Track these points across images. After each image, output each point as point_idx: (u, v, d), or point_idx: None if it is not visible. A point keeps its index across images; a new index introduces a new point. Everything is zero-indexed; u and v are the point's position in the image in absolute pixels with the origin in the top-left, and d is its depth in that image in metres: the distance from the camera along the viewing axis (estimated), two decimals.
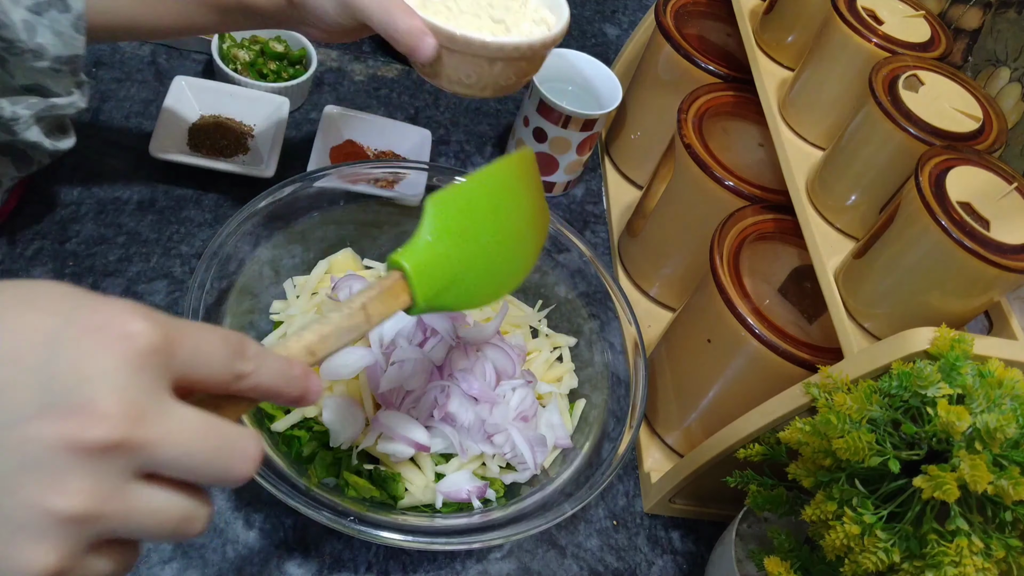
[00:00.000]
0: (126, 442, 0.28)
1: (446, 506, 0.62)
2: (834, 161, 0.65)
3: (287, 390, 0.35)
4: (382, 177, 0.75)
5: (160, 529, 0.31)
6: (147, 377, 0.29)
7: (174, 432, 0.30)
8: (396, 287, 0.45)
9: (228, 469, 0.31)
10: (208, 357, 0.32)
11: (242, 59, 0.89)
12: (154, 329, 0.30)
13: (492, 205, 0.51)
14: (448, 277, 0.47)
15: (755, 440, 0.59)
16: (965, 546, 0.44)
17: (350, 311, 0.41)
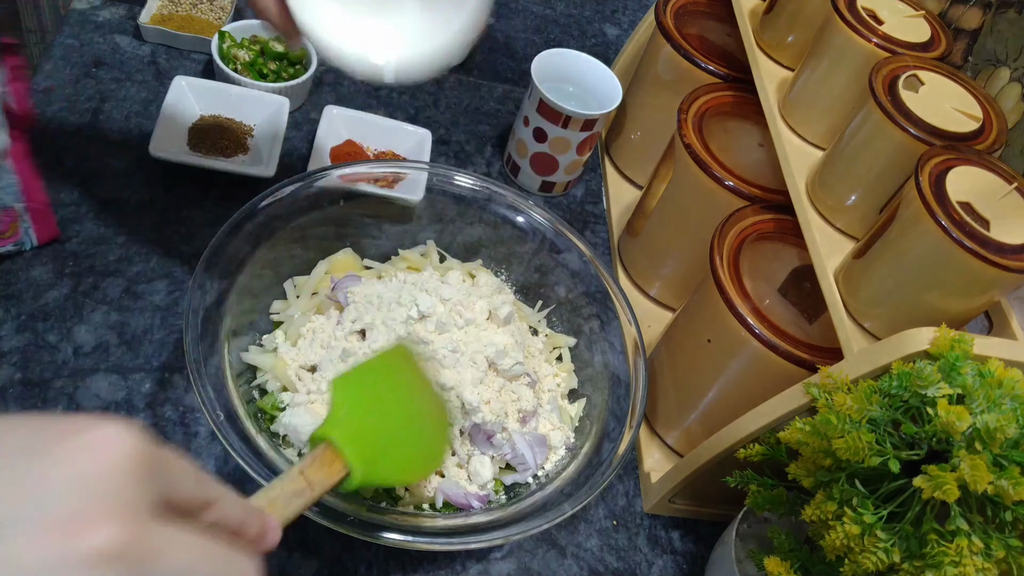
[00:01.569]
0: (126, 552, 0.26)
1: (446, 506, 0.62)
2: (834, 161, 0.65)
3: (249, 527, 0.35)
4: (382, 177, 0.75)
5: None
6: (137, 487, 0.27)
7: (175, 546, 0.28)
8: (327, 455, 0.46)
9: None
10: (183, 476, 0.31)
11: (242, 59, 0.89)
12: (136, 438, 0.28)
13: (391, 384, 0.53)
14: (375, 445, 0.49)
15: (755, 440, 0.59)
16: (965, 546, 0.44)
17: (292, 476, 0.43)
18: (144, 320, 0.71)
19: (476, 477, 0.63)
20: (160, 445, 0.29)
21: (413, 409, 0.54)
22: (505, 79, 1.07)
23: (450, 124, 0.98)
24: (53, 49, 0.89)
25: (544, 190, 0.94)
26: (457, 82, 1.04)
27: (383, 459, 0.50)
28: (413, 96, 1.00)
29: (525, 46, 1.13)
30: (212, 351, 0.61)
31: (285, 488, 0.42)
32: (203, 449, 0.65)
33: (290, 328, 0.68)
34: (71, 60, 0.88)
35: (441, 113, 0.99)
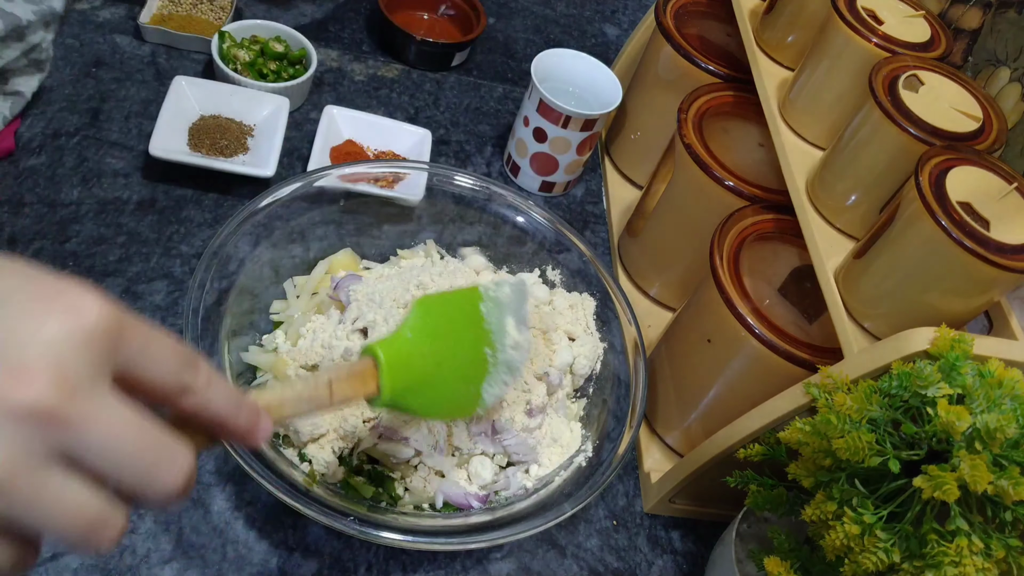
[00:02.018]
0: (51, 414, 0.27)
1: (446, 506, 0.63)
2: (834, 161, 0.65)
3: (235, 420, 0.34)
4: (382, 177, 0.75)
5: (67, 526, 0.28)
6: (89, 356, 0.28)
7: (104, 420, 0.28)
8: (365, 373, 0.45)
9: (154, 476, 0.30)
10: (158, 358, 0.31)
11: (242, 59, 0.89)
12: (107, 310, 0.29)
13: (455, 322, 0.53)
14: (417, 378, 0.49)
15: (755, 440, 0.59)
16: (965, 546, 0.44)
17: (315, 384, 0.42)
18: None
19: (476, 477, 0.63)
20: (141, 322, 0.30)
21: (462, 353, 0.53)
22: (505, 79, 1.07)
23: (450, 124, 0.98)
24: (53, 49, 0.89)
25: (544, 190, 0.94)
26: (457, 82, 1.04)
27: (418, 390, 0.49)
28: (413, 96, 1.00)
29: (525, 46, 1.13)
30: (212, 351, 0.61)
31: (303, 394, 0.41)
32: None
33: (290, 328, 0.68)
34: (71, 60, 0.88)
35: (441, 113, 0.99)
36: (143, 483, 0.30)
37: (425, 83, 1.02)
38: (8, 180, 0.76)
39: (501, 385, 0.55)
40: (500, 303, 0.55)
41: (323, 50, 1.00)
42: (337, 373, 0.44)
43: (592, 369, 0.71)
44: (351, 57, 1.01)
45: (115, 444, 0.28)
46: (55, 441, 0.27)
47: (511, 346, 0.55)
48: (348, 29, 1.04)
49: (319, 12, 1.05)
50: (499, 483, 0.64)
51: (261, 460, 0.57)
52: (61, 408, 0.27)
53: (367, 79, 0.99)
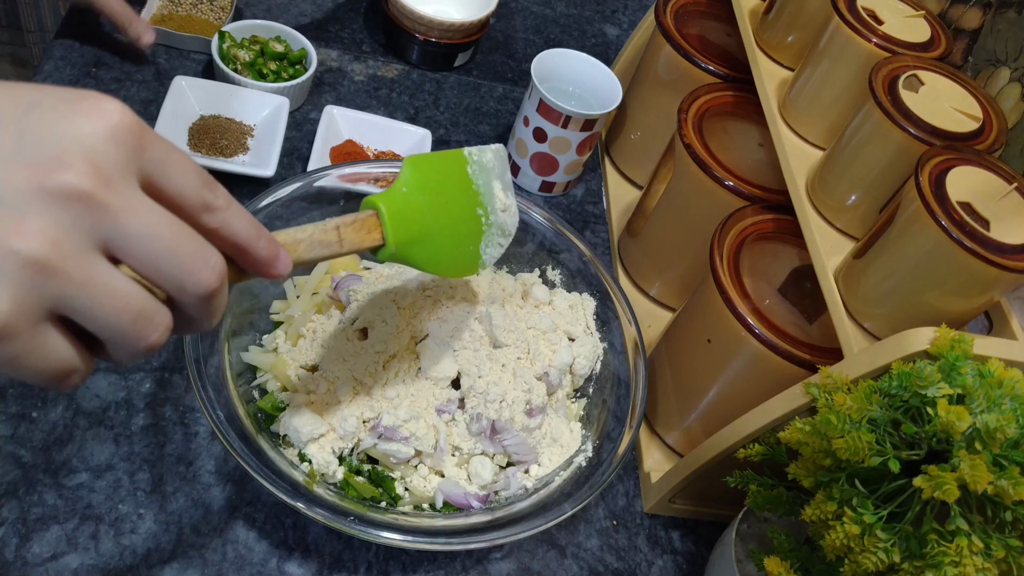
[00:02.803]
0: (92, 197, 0.28)
1: (446, 506, 0.63)
2: (834, 161, 0.65)
3: (256, 246, 0.35)
4: (382, 177, 0.75)
5: (116, 316, 0.29)
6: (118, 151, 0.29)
7: (140, 211, 0.29)
8: (370, 222, 0.47)
9: (192, 270, 0.30)
10: (180, 170, 0.32)
11: (242, 59, 0.89)
12: (129, 114, 0.30)
13: (449, 180, 0.54)
14: (418, 230, 0.50)
15: (755, 440, 0.59)
16: (965, 546, 0.44)
17: (325, 228, 0.43)
18: None
19: (476, 477, 0.63)
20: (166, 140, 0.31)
21: (456, 211, 0.54)
22: (505, 79, 1.07)
23: (450, 124, 0.98)
24: (53, 49, 0.89)
25: (544, 190, 0.94)
26: (457, 82, 1.04)
27: (419, 243, 0.50)
28: (413, 96, 1.00)
29: (525, 46, 1.13)
30: (212, 351, 0.61)
31: (315, 235, 0.42)
32: (203, 449, 0.65)
33: (290, 328, 0.68)
34: (71, 60, 0.88)
35: (441, 113, 0.99)
36: (182, 277, 0.30)
37: (425, 83, 1.02)
38: None
39: (497, 246, 0.57)
40: (485, 167, 0.56)
41: (323, 50, 1.00)
42: (343, 220, 0.44)
43: (592, 369, 0.71)
44: (351, 57, 1.01)
45: (154, 234, 0.30)
46: (97, 226, 0.28)
47: (501, 208, 0.56)
48: (348, 29, 1.04)
49: (319, 12, 1.05)
50: (499, 483, 0.64)
51: (261, 460, 0.57)
52: (100, 194, 0.28)
53: (367, 79, 0.99)
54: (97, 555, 0.59)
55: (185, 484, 0.63)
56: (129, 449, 0.64)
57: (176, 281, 0.31)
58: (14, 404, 0.64)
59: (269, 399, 0.64)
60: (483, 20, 1.00)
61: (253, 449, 0.57)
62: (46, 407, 0.64)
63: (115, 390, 0.67)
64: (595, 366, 0.72)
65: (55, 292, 0.28)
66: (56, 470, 0.62)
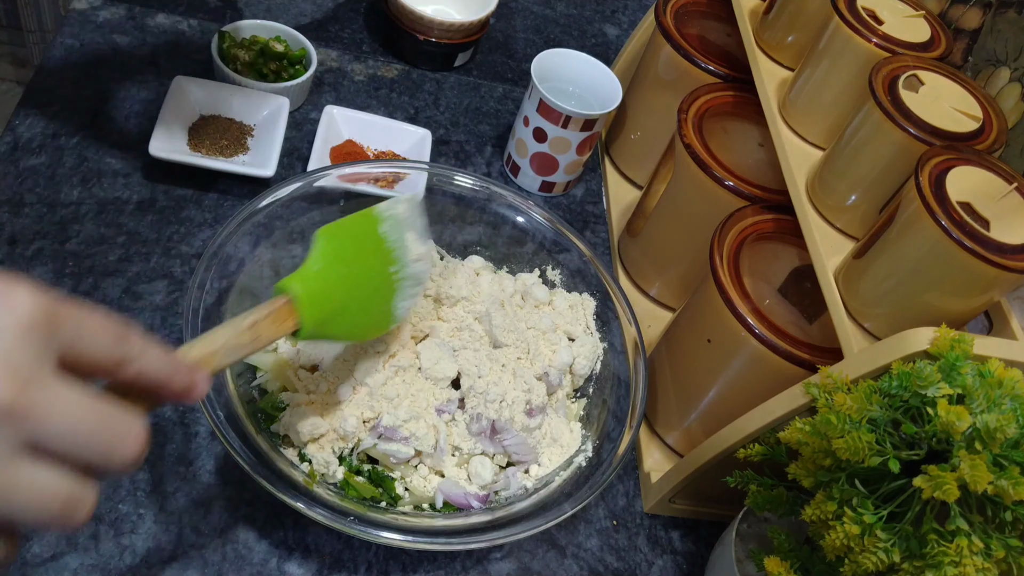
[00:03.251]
0: (11, 408, 0.28)
1: (446, 506, 0.63)
2: (834, 161, 0.65)
3: (173, 381, 0.36)
4: (382, 177, 0.75)
5: (43, 510, 0.30)
6: (32, 346, 0.29)
7: (59, 404, 0.29)
8: (283, 311, 0.47)
9: (113, 449, 0.31)
10: (94, 335, 0.32)
11: (242, 59, 0.89)
12: (40, 299, 0.30)
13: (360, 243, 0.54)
14: (333, 306, 0.50)
15: (755, 440, 0.59)
16: (965, 546, 0.44)
17: (239, 329, 0.43)
18: (144, 320, 0.71)
19: (476, 477, 0.63)
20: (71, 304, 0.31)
21: (370, 275, 0.55)
22: (505, 79, 1.07)
23: (450, 124, 0.98)
24: (53, 49, 0.89)
25: (544, 190, 0.94)
26: (457, 82, 1.04)
27: (336, 318, 0.51)
28: (413, 96, 1.00)
29: (525, 46, 1.13)
30: None
31: (229, 341, 0.42)
32: (203, 449, 0.65)
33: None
34: (71, 60, 0.88)
35: (441, 113, 0.99)
36: (104, 458, 0.31)
37: (425, 83, 1.02)
38: (8, 180, 0.76)
39: (410, 298, 0.57)
40: (398, 221, 0.56)
41: (323, 50, 1.00)
42: (257, 315, 0.45)
43: (592, 369, 0.71)
44: (351, 57, 1.01)
45: (73, 426, 0.30)
46: (18, 433, 0.28)
47: (414, 259, 0.57)
48: (348, 29, 1.04)
49: (319, 12, 1.05)
50: (499, 483, 0.64)
51: (261, 460, 0.57)
52: (18, 401, 0.28)
53: (367, 79, 0.99)
54: (97, 555, 0.59)
55: (185, 484, 0.63)
56: None
57: (101, 460, 0.31)
58: None
59: (269, 399, 0.64)
60: (483, 20, 1.00)
61: (253, 449, 0.57)
62: None
63: None
64: (595, 366, 0.72)
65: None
66: None
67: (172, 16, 0.97)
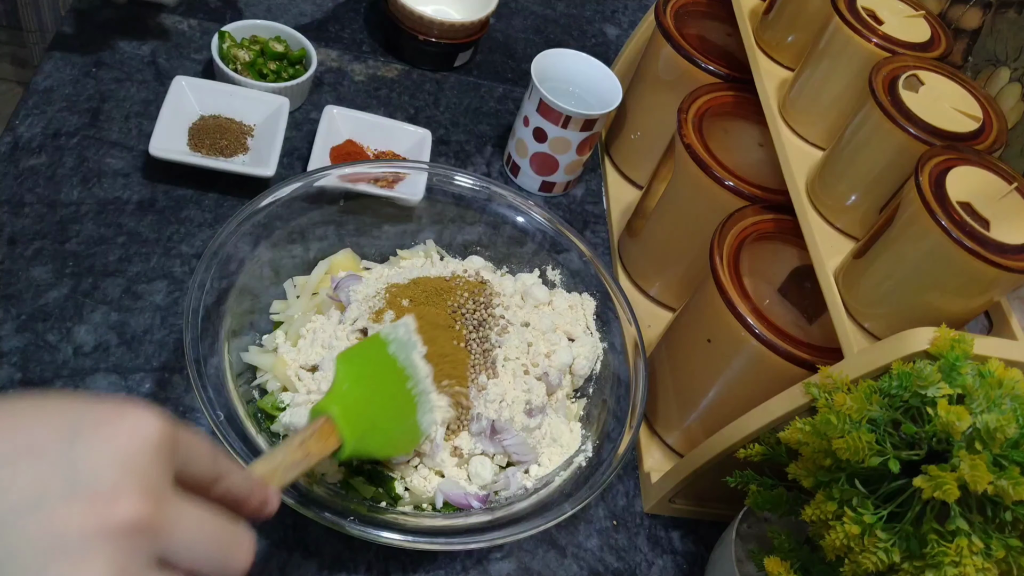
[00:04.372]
0: (149, 524, 0.30)
1: (446, 506, 0.62)
2: (834, 161, 0.65)
3: (252, 497, 0.38)
4: (382, 177, 0.75)
5: None
6: (160, 466, 0.31)
7: (185, 519, 0.32)
8: (326, 429, 0.50)
9: (230, 559, 0.33)
10: (201, 456, 0.34)
11: (242, 59, 0.89)
12: (164, 423, 0.32)
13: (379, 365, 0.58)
14: (366, 422, 0.53)
15: (755, 440, 0.59)
16: (965, 546, 0.44)
17: (291, 448, 0.47)
18: (144, 320, 0.71)
19: (476, 477, 0.63)
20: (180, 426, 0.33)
21: (390, 392, 0.58)
22: (505, 79, 1.07)
23: (450, 124, 0.98)
24: (53, 49, 0.89)
25: (544, 190, 0.94)
26: (457, 82, 1.04)
27: (371, 434, 0.54)
28: (413, 96, 1.00)
29: (525, 46, 1.13)
30: (212, 351, 0.61)
31: (286, 459, 0.46)
32: None
33: (290, 328, 0.68)
34: (71, 60, 0.88)
35: (441, 113, 0.99)
36: (225, 565, 0.33)
37: (425, 83, 1.02)
38: (8, 180, 0.76)
39: (431, 412, 0.60)
40: (402, 342, 0.60)
41: (323, 50, 1.00)
42: (303, 435, 0.48)
43: (592, 369, 0.71)
44: (351, 57, 1.01)
45: (199, 539, 0.32)
46: (155, 548, 0.30)
47: (424, 376, 0.60)
48: (348, 29, 1.04)
49: (319, 12, 1.05)
50: (499, 483, 0.64)
51: None
52: (155, 517, 0.30)
53: (367, 79, 0.99)
54: None
55: None
56: None
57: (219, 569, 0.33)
58: None
59: (269, 399, 0.64)
60: (483, 20, 1.00)
61: (253, 449, 0.57)
62: None
63: (115, 390, 0.67)
64: (595, 366, 0.72)
65: None
66: None
67: (172, 16, 0.97)
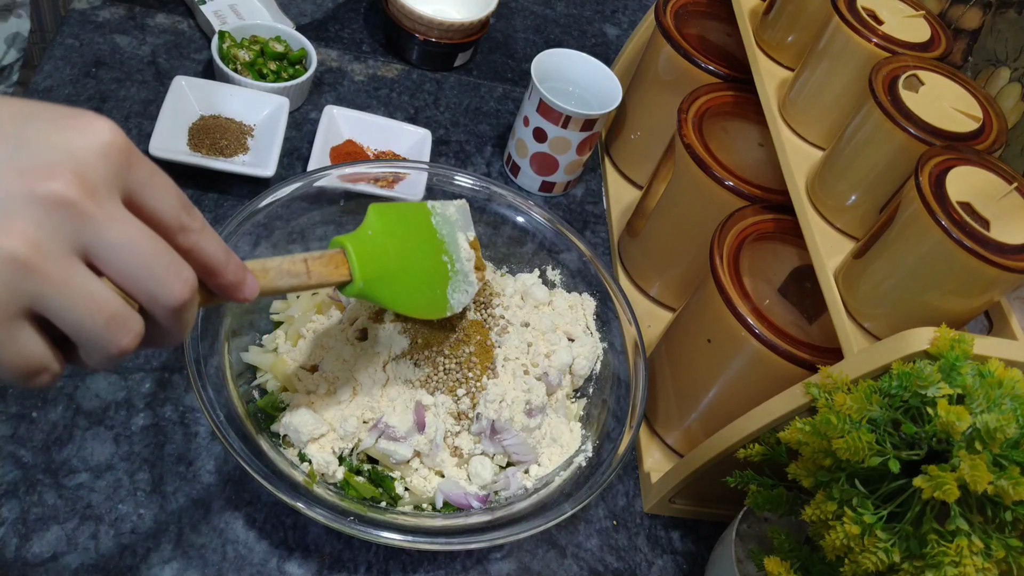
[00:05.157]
0: (76, 205, 0.30)
1: (446, 506, 0.62)
2: (834, 161, 0.65)
3: (225, 269, 0.37)
4: (382, 177, 0.75)
5: (90, 318, 0.31)
6: (105, 167, 0.31)
7: (120, 224, 0.31)
8: (337, 258, 0.49)
9: (165, 282, 0.32)
10: (161, 191, 0.34)
11: (242, 59, 0.89)
12: (119, 133, 0.32)
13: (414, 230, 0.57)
14: (383, 269, 0.52)
15: (755, 440, 0.59)
16: (965, 546, 0.44)
17: (293, 259, 0.44)
18: None
19: (476, 477, 0.63)
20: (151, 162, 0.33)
21: (422, 256, 0.57)
22: (505, 79, 1.07)
23: (450, 124, 0.98)
24: (53, 49, 0.89)
25: (544, 190, 0.94)
26: (457, 82, 1.04)
27: (386, 281, 0.53)
28: (413, 96, 1.00)
29: (525, 46, 1.13)
30: (212, 351, 0.61)
31: (283, 265, 0.44)
32: (203, 449, 0.65)
33: (290, 328, 0.68)
34: (71, 60, 0.88)
35: (441, 113, 0.99)
36: (155, 288, 0.32)
37: (425, 83, 1.02)
38: None
39: (463, 293, 0.59)
40: (448, 219, 0.58)
41: (323, 50, 1.00)
42: (311, 254, 0.46)
43: (592, 369, 0.71)
44: (351, 57, 1.01)
45: (131, 245, 0.31)
46: (79, 232, 0.30)
47: (466, 259, 0.59)
48: (348, 29, 1.04)
49: (319, 12, 1.05)
50: (499, 483, 0.64)
51: (261, 460, 0.57)
52: (83, 203, 0.30)
53: (367, 79, 0.99)
54: (97, 555, 0.59)
55: (185, 484, 0.63)
56: (129, 449, 0.64)
57: (150, 291, 0.32)
58: (14, 404, 0.64)
59: (269, 399, 0.64)
60: (483, 20, 1.00)
61: (253, 449, 0.57)
62: (46, 407, 0.64)
63: (115, 390, 0.67)
64: (595, 366, 0.72)
65: (33, 291, 0.30)
66: (56, 470, 0.62)
67: (172, 16, 0.97)
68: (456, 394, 0.62)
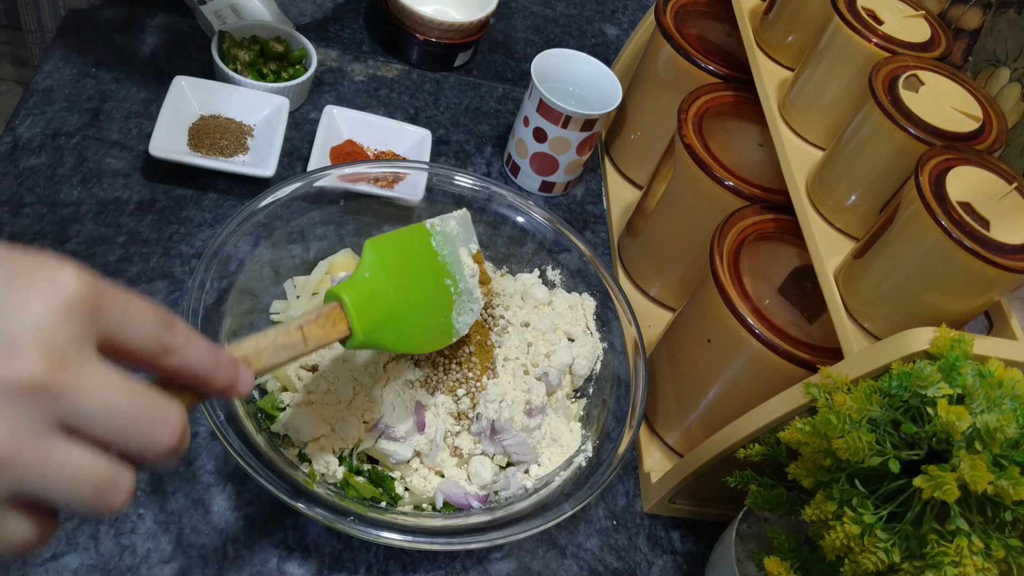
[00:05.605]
0: (46, 385, 0.28)
1: (446, 506, 0.63)
2: (834, 161, 0.65)
3: (215, 376, 0.35)
4: (382, 177, 0.75)
5: (78, 491, 0.29)
6: (72, 327, 0.29)
7: (95, 385, 0.29)
8: (334, 315, 0.47)
9: (150, 434, 0.31)
10: (137, 322, 0.32)
11: (242, 59, 0.89)
12: (84, 281, 0.30)
13: (411, 257, 0.54)
14: (385, 313, 0.50)
15: (755, 440, 0.59)
16: (965, 546, 0.44)
17: (288, 330, 0.43)
18: None
19: (476, 477, 0.63)
20: (117, 289, 0.31)
21: (423, 286, 0.55)
22: (505, 79, 1.07)
23: (450, 124, 0.98)
24: (53, 49, 0.89)
25: (544, 190, 0.94)
26: (457, 82, 1.04)
27: (387, 326, 0.51)
28: (413, 96, 1.00)
29: (525, 46, 1.13)
30: None
31: (278, 340, 0.42)
32: (203, 449, 0.65)
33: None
34: (71, 60, 0.88)
35: (441, 113, 0.99)
36: (141, 442, 0.31)
37: (425, 83, 1.02)
38: (8, 180, 0.76)
39: (469, 313, 0.57)
40: (449, 236, 0.57)
41: (323, 50, 1.00)
42: (306, 318, 0.45)
43: (592, 369, 0.71)
44: (351, 57, 1.01)
45: (109, 407, 0.30)
46: (53, 411, 0.28)
47: (470, 275, 0.57)
48: (348, 29, 1.04)
49: (319, 12, 1.05)
50: (499, 483, 0.64)
51: (261, 460, 0.57)
52: (53, 379, 0.28)
53: (367, 79, 0.99)
54: (97, 555, 0.59)
55: (185, 484, 0.63)
56: None
57: (137, 446, 0.31)
58: None
59: (269, 399, 0.64)
60: (483, 20, 1.00)
61: (253, 449, 0.57)
62: None
63: None
64: (595, 366, 0.72)
65: (13, 481, 0.28)
66: None
67: (172, 16, 0.97)
68: (456, 394, 0.63)
